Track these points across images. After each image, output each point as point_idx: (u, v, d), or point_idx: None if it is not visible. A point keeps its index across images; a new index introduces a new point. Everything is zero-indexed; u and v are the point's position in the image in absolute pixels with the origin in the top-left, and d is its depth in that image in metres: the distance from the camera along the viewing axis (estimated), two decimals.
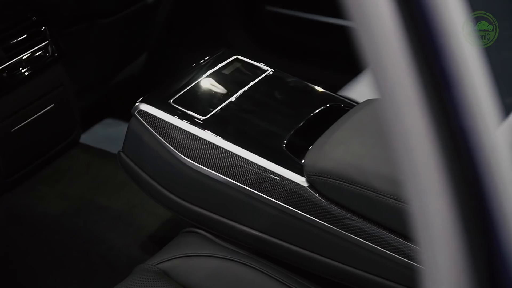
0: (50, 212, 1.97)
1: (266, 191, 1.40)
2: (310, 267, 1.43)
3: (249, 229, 1.46)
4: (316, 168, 1.34)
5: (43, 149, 1.90)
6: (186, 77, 1.61)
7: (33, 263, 1.84)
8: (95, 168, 2.11)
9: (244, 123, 1.53)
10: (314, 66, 2.57)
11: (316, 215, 1.35)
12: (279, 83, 1.65)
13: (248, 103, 1.57)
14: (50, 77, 1.86)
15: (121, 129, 2.46)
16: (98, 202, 1.99)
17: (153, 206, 1.92)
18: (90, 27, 2.06)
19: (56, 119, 1.89)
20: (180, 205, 1.52)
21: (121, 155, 1.61)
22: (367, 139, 1.39)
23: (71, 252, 1.85)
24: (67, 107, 1.93)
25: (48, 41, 1.81)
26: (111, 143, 2.27)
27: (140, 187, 1.59)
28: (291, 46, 2.69)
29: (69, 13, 1.94)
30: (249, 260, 1.45)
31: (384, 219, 1.29)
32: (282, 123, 1.53)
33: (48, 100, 1.85)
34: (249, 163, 1.41)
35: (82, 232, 1.90)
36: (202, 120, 1.49)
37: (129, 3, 2.18)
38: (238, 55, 1.70)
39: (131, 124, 1.56)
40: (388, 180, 1.28)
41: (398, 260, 1.29)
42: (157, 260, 1.45)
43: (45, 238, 1.89)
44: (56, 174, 2.08)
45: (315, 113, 1.55)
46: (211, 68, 1.64)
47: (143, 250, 1.83)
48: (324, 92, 1.65)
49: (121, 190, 2.01)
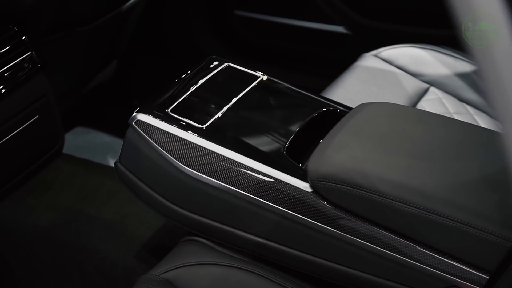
0: (40, 224, 1.95)
1: (268, 198, 1.40)
2: (316, 272, 1.45)
3: (251, 236, 1.46)
4: (319, 173, 1.36)
5: (29, 161, 1.88)
6: (180, 86, 1.61)
7: (25, 276, 1.82)
8: (81, 178, 2.09)
9: (242, 130, 1.54)
10: (285, 70, 2.59)
11: (320, 220, 1.37)
12: (272, 89, 1.66)
13: (245, 110, 1.57)
14: (34, 88, 1.84)
15: (91, 137, 2.46)
16: (87, 212, 1.98)
17: (144, 215, 1.92)
18: (67, 35, 2.04)
19: (41, 130, 1.88)
20: (180, 215, 1.52)
21: (118, 165, 1.60)
22: (367, 143, 1.41)
23: (64, 264, 1.83)
24: (51, 118, 1.91)
25: (31, 52, 1.79)
26: (84, 152, 2.26)
27: (139, 197, 1.59)
28: (261, 50, 2.71)
29: (48, 22, 1.92)
30: (252, 267, 1.46)
31: (391, 223, 1.31)
32: (280, 129, 1.54)
33: (32, 112, 1.83)
34: (251, 170, 1.42)
35: (74, 243, 1.89)
36: (201, 129, 1.49)
37: (105, 11, 2.17)
38: (228, 62, 1.71)
39: (128, 134, 1.55)
40: (393, 184, 1.30)
41: (405, 262, 1.32)
42: (160, 270, 1.45)
43: (36, 251, 1.87)
44: (43, 185, 2.06)
45: (311, 118, 1.57)
46: (204, 77, 1.65)
47: (138, 260, 1.82)
48: (317, 97, 1.66)
49: (110, 199, 2.00)
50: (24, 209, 2.00)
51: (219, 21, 2.72)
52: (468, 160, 1.36)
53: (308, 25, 2.55)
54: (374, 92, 1.92)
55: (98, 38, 2.26)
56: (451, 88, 1.98)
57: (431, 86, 1.98)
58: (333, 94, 1.84)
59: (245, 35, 2.71)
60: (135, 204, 1.94)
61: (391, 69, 2.03)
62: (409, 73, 2.02)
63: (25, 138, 1.81)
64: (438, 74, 2.01)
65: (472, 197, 1.28)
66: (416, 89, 1.97)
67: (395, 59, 2.05)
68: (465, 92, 1.97)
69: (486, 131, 1.52)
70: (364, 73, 2.01)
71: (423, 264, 1.30)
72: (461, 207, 1.26)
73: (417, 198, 1.27)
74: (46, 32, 1.94)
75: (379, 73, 2.01)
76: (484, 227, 1.23)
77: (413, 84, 1.98)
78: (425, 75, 2.00)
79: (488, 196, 1.28)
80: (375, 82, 1.97)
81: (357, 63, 2.05)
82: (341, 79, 1.98)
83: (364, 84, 1.95)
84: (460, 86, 1.98)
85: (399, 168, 1.35)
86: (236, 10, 2.68)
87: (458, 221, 1.24)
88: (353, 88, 1.92)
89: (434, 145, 1.40)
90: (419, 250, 1.30)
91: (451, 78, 2.00)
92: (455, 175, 1.32)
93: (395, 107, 1.59)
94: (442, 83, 1.99)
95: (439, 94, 1.96)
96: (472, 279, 1.27)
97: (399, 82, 1.98)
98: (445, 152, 1.38)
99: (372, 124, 1.47)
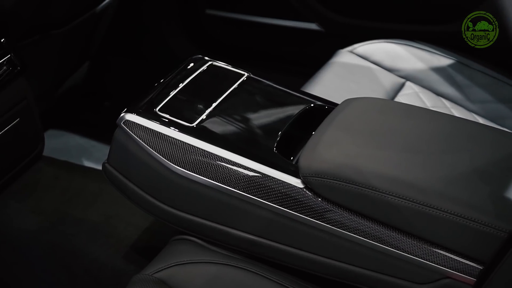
0: (25, 227, 1.93)
1: (260, 195, 1.41)
2: (310, 268, 1.45)
3: (243, 234, 1.47)
4: (312, 169, 1.37)
5: (11, 164, 1.87)
6: (167, 86, 1.62)
7: (12, 281, 1.81)
8: (64, 181, 2.08)
9: (232, 128, 1.54)
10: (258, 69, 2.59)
11: (313, 216, 1.38)
12: (257, 86, 1.67)
13: (232, 108, 1.58)
14: (14, 91, 1.83)
15: (65, 140, 2.45)
16: (73, 215, 1.97)
17: (130, 215, 1.92)
18: (43, 38, 2.03)
19: (22, 133, 1.87)
20: (172, 214, 1.52)
21: (106, 166, 1.59)
22: (357, 139, 1.43)
23: (52, 267, 1.82)
24: (32, 120, 1.91)
25: (10, 55, 1.78)
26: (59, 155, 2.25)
27: (128, 198, 1.58)
28: (234, 49, 2.71)
29: (25, 24, 1.91)
30: (245, 264, 1.46)
31: (384, 217, 1.33)
32: (268, 126, 1.55)
33: (13, 115, 1.82)
34: (242, 168, 1.43)
35: (62, 246, 1.88)
36: (190, 127, 1.49)
37: (80, 12, 2.16)
38: (212, 61, 1.72)
39: (116, 135, 1.55)
40: (387, 178, 1.32)
41: (399, 255, 1.33)
42: (153, 270, 1.45)
43: (23, 255, 1.86)
44: (26, 189, 2.04)
45: (298, 114, 1.58)
46: (189, 76, 1.65)
47: (127, 261, 1.82)
48: (302, 93, 1.68)
49: (95, 201, 2.00)
50: (8, 213, 1.98)
51: (191, 21, 2.72)
52: (458, 153, 1.38)
53: (280, 22, 2.56)
54: (352, 88, 1.94)
55: (72, 40, 2.25)
56: (427, 82, 2.01)
57: (407, 80, 2.01)
58: (311, 91, 1.84)
59: (217, 35, 2.71)
60: (120, 205, 1.95)
61: (367, 65, 2.05)
62: (385, 68, 2.04)
63: (6, 141, 1.80)
64: (414, 68, 2.04)
65: (465, 189, 1.30)
66: (392, 84, 1.99)
67: (371, 54, 2.07)
68: (441, 86, 2.00)
69: (472, 123, 1.55)
70: (341, 69, 2.03)
71: (417, 257, 1.32)
72: (455, 199, 1.28)
73: (411, 191, 1.29)
74: (23, 36, 1.93)
75: (355, 69, 2.03)
76: (478, 219, 1.25)
77: (390, 79, 2.01)
78: (400, 70, 2.03)
79: (481, 188, 1.31)
80: (352, 78, 1.99)
81: (333, 60, 2.07)
82: (319, 75, 2.00)
83: (342, 80, 1.97)
84: (436, 80, 2.01)
85: (392, 162, 1.37)
86: (207, 9, 2.68)
87: (453, 213, 1.26)
88: (331, 85, 1.94)
89: (424, 139, 1.43)
90: (412, 243, 1.32)
91: (426, 72, 2.03)
92: (447, 168, 1.34)
93: (381, 102, 1.61)
94: (418, 78, 2.02)
95: (415, 88, 1.99)
96: (466, 270, 1.28)
97: (376, 78, 2.01)
98: (435, 146, 1.41)
99: (360, 119, 1.49)
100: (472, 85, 2.00)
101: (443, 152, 1.39)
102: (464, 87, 2.00)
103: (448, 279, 1.31)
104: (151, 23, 2.75)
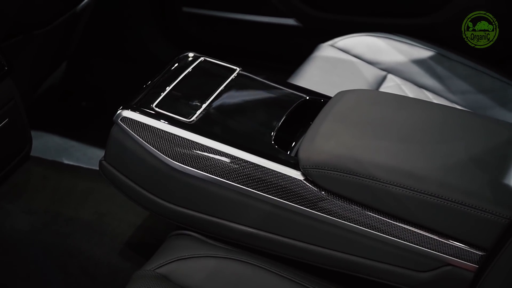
0: (18, 228, 1.93)
1: (260, 188, 1.42)
2: (311, 259, 1.47)
3: (244, 227, 1.48)
4: (311, 161, 1.39)
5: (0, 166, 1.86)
6: (161, 83, 1.62)
7: (9, 282, 1.80)
8: (53, 181, 2.08)
9: (229, 122, 1.55)
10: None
11: (313, 207, 1.39)
12: (251, 81, 1.69)
13: (228, 103, 1.59)
14: (2, 92, 1.82)
15: (44, 140, 2.44)
16: (65, 214, 1.97)
17: (123, 213, 1.92)
18: (25, 39, 2.02)
19: (10, 134, 1.86)
20: (171, 210, 1.53)
21: (103, 163, 1.59)
22: (354, 130, 1.45)
23: (48, 267, 1.82)
24: (20, 121, 1.90)
25: None
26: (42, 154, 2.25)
27: (126, 194, 1.59)
28: (212, 47, 2.71)
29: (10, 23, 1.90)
30: (246, 257, 1.47)
31: (385, 206, 1.35)
32: (265, 120, 1.56)
33: (2, 115, 1.81)
34: (242, 162, 1.44)
35: (56, 245, 1.87)
36: (188, 123, 1.50)
37: (62, 12, 2.16)
38: (204, 56, 1.73)
39: (113, 132, 1.55)
40: (386, 168, 1.34)
41: (400, 244, 1.35)
42: (154, 265, 1.46)
43: (17, 255, 1.85)
44: (16, 189, 2.03)
45: (294, 107, 1.60)
46: (183, 72, 1.66)
47: (122, 258, 1.82)
48: (295, 87, 1.70)
49: (86, 200, 2.00)
50: (0, 214, 1.97)
51: (168, 19, 2.71)
52: (454, 142, 1.41)
53: (258, 19, 2.57)
54: (335, 81, 1.95)
55: (52, 40, 2.23)
56: (408, 74, 2.04)
57: (388, 73, 2.03)
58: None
59: (195, 33, 2.71)
60: (112, 203, 1.95)
61: (349, 58, 2.07)
62: (366, 61, 2.06)
63: None
64: (395, 61, 2.06)
65: (464, 177, 1.33)
66: (375, 77, 2.01)
67: (352, 48, 2.09)
68: (422, 77, 2.03)
69: (464, 112, 1.58)
70: (323, 63, 2.04)
71: (417, 245, 1.34)
72: (455, 187, 1.30)
73: (410, 180, 1.32)
74: (7, 36, 1.92)
75: (337, 62, 2.05)
76: (478, 205, 1.28)
77: (372, 72, 2.03)
78: (382, 62, 2.05)
79: (479, 175, 1.33)
80: (335, 72, 2.00)
81: (315, 54, 2.08)
82: (302, 70, 2.01)
83: (325, 74, 1.99)
84: (417, 72, 2.04)
85: (390, 152, 1.39)
86: (184, 7, 2.67)
87: (452, 201, 1.29)
88: (314, 79, 1.95)
89: (419, 128, 1.45)
90: (413, 232, 1.34)
91: (407, 64, 2.06)
92: (444, 156, 1.37)
93: (375, 94, 1.64)
94: (399, 70, 2.04)
95: (397, 80, 2.02)
96: (467, 257, 1.31)
97: (358, 71, 2.03)
98: (431, 135, 1.43)
99: (355, 111, 1.51)
100: (453, 76, 2.03)
101: (439, 141, 1.41)
102: (444, 79, 2.03)
103: (449, 266, 1.33)
104: (128, 21, 2.73)
